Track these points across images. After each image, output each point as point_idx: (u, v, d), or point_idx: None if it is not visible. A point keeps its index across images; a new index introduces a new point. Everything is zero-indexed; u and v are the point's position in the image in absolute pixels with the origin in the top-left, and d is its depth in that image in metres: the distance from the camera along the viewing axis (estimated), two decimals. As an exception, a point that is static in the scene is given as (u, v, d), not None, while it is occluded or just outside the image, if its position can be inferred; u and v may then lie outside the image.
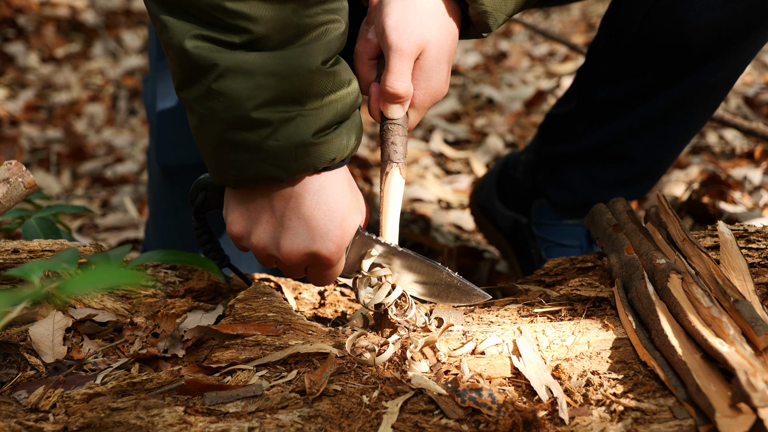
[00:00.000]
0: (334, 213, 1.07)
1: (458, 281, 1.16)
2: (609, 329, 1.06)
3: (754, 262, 1.14)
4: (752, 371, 0.83)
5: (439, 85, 1.15)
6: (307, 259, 1.09)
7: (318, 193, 1.06)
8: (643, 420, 0.90)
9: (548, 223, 1.80)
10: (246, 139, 1.00)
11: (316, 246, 1.07)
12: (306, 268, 1.12)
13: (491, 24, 1.14)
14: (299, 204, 1.06)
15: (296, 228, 1.07)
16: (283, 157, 1.01)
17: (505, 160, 1.97)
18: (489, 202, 1.98)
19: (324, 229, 1.07)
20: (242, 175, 1.04)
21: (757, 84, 2.92)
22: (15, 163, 1.19)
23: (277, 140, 1.00)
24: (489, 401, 0.94)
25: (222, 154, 1.03)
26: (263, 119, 0.99)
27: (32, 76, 4.17)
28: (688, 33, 1.40)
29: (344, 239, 1.09)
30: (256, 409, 0.94)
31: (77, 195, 2.93)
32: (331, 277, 1.13)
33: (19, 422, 0.92)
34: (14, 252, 1.20)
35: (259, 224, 1.09)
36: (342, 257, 1.11)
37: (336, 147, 1.04)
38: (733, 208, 2.03)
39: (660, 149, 1.61)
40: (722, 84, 1.51)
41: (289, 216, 1.07)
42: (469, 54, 4.07)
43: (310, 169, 1.04)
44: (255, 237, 1.09)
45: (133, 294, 1.23)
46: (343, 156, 1.07)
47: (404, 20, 1.10)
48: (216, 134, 1.01)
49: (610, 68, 1.55)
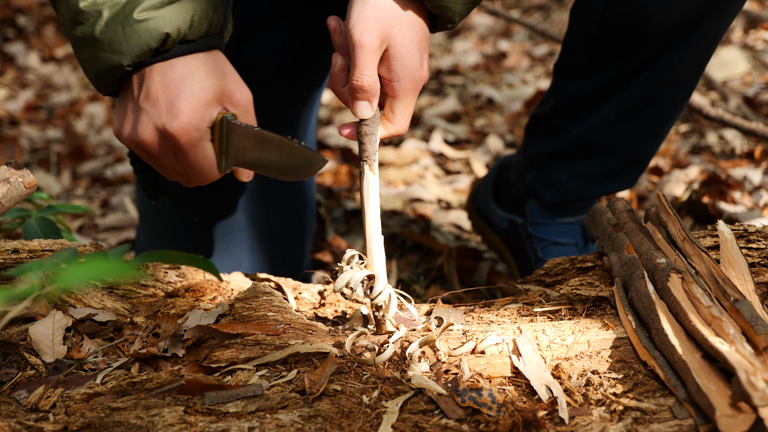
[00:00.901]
0: (182, 90, 1.11)
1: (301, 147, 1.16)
2: (609, 329, 1.06)
3: (754, 261, 1.15)
4: (752, 370, 0.83)
5: (415, 69, 1.13)
6: (161, 140, 1.12)
7: (165, 74, 1.11)
8: (643, 420, 0.90)
9: (543, 222, 1.80)
10: (84, 32, 1.09)
11: (162, 121, 1.10)
12: (176, 159, 1.15)
13: (450, 15, 1.15)
14: (149, 87, 1.11)
15: (147, 109, 1.12)
16: (116, 42, 1.09)
17: (500, 163, 1.98)
18: (485, 206, 1.98)
19: (170, 105, 1.10)
20: (93, 72, 1.13)
21: (757, 84, 2.93)
22: (15, 163, 1.19)
23: (107, 26, 1.08)
24: (489, 401, 0.94)
25: (80, 57, 1.13)
26: (91, 10, 1.08)
27: (32, 76, 4.17)
28: (648, 17, 1.41)
29: (193, 117, 1.10)
30: (256, 409, 0.94)
31: (77, 195, 2.93)
32: (198, 165, 1.14)
33: (19, 422, 0.92)
34: (14, 252, 1.20)
35: (126, 117, 1.15)
36: (201, 140, 1.12)
37: (167, 22, 1.09)
38: (733, 208, 2.03)
39: (640, 138, 1.62)
40: (692, 67, 1.51)
41: (142, 99, 1.12)
42: (469, 54, 4.07)
43: (143, 48, 1.09)
44: (125, 131, 1.15)
45: (133, 294, 1.23)
46: (188, 36, 1.11)
47: (363, 17, 1.11)
48: (70, 38, 1.12)
49: (582, 61, 1.57)
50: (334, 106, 3.52)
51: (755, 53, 3.22)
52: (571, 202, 1.73)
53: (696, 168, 2.38)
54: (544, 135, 1.71)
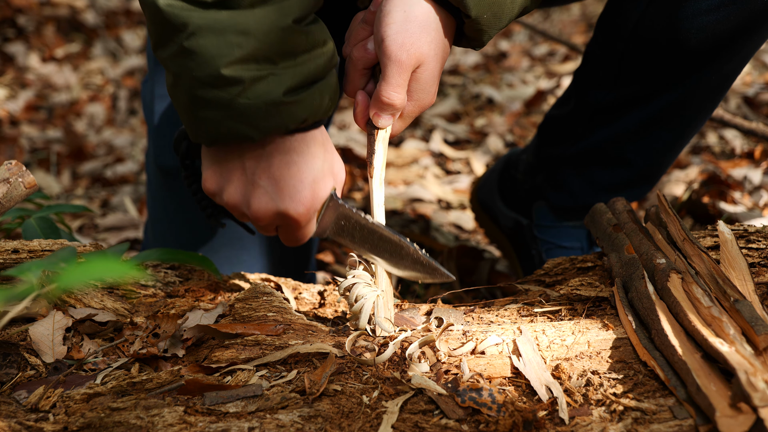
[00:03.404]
0: (304, 174, 1.08)
1: (424, 259, 1.17)
2: (609, 329, 1.06)
3: (754, 262, 1.14)
4: (752, 371, 0.83)
5: (429, 98, 1.17)
6: (276, 218, 1.10)
7: (288, 153, 1.07)
8: (643, 420, 0.90)
9: (549, 225, 1.79)
10: (217, 96, 1.01)
11: (285, 206, 1.08)
12: (277, 228, 1.13)
13: (485, 39, 1.16)
14: (270, 164, 1.07)
15: (266, 187, 1.08)
16: (254, 116, 1.03)
17: (507, 157, 1.97)
18: (491, 200, 1.98)
19: (293, 190, 1.08)
20: (214, 133, 1.05)
21: (757, 84, 2.92)
22: (15, 163, 1.19)
23: (247, 98, 1.01)
24: (489, 401, 0.94)
25: (194, 112, 1.04)
26: (234, 77, 1.00)
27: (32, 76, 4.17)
28: (681, 37, 1.40)
29: (314, 201, 1.09)
30: (256, 409, 0.94)
31: (77, 195, 2.93)
32: (302, 238, 1.14)
33: (19, 422, 0.92)
34: (14, 252, 1.20)
35: (231, 182, 1.10)
36: (312, 220, 1.12)
37: (308, 107, 1.05)
38: (733, 208, 2.03)
39: (658, 152, 1.61)
40: (718, 87, 1.51)
41: (260, 175, 1.08)
42: (469, 54, 4.07)
43: (281, 129, 1.05)
44: (227, 194, 1.11)
45: (133, 294, 1.23)
46: (317, 117, 1.07)
47: (404, 32, 1.10)
48: (188, 92, 1.03)
49: (606, 73, 1.55)
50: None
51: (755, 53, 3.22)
52: (579, 207, 1.72)
53: (696, 168, 2.38)
54: (558, 138, 1.70)
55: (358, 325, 1.13)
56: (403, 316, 1.18)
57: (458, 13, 1.13)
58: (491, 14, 1.12)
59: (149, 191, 1.78)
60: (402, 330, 1.14)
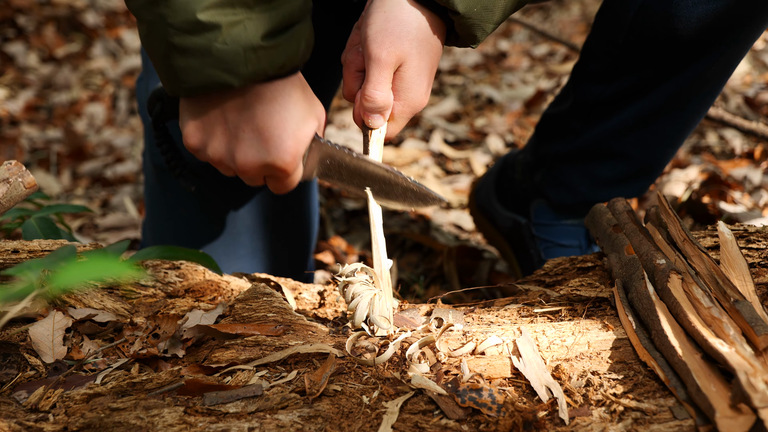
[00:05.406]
0: (287, 122, 1.07)
1: (414, 185, 1.16)
2: (609, 329, 1.06)
3: (754, 262, 1.14)
4: (752, 372, 0.83)
5: (419, 97, 1.15)
6: (263, 170, 1.10)
7: (270, 103, 1.06)
8: (643, 420, 0.90)
9: (547, 224, 1.79)
10: (194, 43, 1.00)
11: (271, 157, 1.08)
12: (264, 178, 1.13)
13: (479, 35, 1.15)
14: (252, 115, 1.06)
15: (250, 140, 1.07)
16: (232, 62, 1.01)
17: (503, 160, 1.97)
18: (488, 203, 1.98)
19: (278, 140, 1.07)
20: (193, 82, 1.04)
21: (757, 84, 2.92)
22: (15, 163, 1.19)
23: (225, 43, 1.00)
24: (489, 401, 0.94)
25: (171, 62, 1.03)
26: (210, 22, 0.99)
27: (32, 76, 4.17)
28: (679, 28, 1.40)
29: (299, 149, 1.09)
30: (256, 410, 0.94)
31: (77, 195, 2.93)
32: (290, 185, 1.14)
33: (19, 422, 0.92)
34: (14, 252, 1.20)
35: (214, 136, 1.09)
36: (298, 166, 1.11)
37: (286, 51, 1.04)
38: (733, 208, 2.03)
39: (657, 146, 1.61)
40: (716, 78, 1.51)
41: (243, 127, 1.07)
42: (469, 54, 4.07)
43: (260, 75, 1.04)
44: (211, 149, 1.10)
45: (133, 294, 1.23)
46: (294, 62, 1.07)
47: (383, 31, 1.10)
48: (164, 40, 1.01)
49: (604, 66, 1.56)
50: (333, 106, 3.52)
51: (755, 53, 3.22)
52: (579, 204, 1.72)
53: (696, 168, 2.38)
54: (557, 135, 1.70)
55: (353, 323, 1.13)
56: (403, 317, 1.18)
57: (444, 11, 1.12)
58: (481, 8, 1.11)
59: (146, 189, 1.78)
60: (402, 330, 1.14)
